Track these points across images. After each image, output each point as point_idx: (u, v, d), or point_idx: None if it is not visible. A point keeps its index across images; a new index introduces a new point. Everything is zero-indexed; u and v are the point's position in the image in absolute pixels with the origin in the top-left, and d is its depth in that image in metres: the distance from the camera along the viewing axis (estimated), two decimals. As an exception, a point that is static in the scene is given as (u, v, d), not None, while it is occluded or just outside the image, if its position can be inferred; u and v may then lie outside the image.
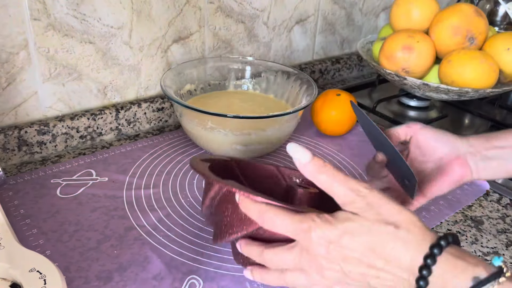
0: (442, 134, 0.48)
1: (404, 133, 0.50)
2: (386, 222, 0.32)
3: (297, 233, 0.33)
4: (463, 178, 0.47)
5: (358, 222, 0.32)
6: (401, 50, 0.75)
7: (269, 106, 0.73)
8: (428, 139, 0.48)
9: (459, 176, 0.47)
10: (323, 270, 0.33)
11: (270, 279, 0.38)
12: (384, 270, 0.31)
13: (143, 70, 0.72)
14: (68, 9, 0.61)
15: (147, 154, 0.67)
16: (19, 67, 0.60)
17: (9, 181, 0.58)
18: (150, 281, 0.45)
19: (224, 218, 0.39)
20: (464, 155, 0.47)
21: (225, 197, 0.38)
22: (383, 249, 0.31)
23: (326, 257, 0.33)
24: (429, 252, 0.30)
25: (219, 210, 0.39)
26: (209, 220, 0.44)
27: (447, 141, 0.48)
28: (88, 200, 0.55)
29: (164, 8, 0.70)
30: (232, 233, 0.38)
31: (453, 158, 0.47)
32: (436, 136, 0.48)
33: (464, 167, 0.47)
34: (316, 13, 0.94)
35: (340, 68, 1.04)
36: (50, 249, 0.48)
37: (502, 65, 0.74)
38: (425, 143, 0.48)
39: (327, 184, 0.34)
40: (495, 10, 0.97)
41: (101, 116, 0.68)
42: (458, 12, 0.74)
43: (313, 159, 0.34)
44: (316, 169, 0.34)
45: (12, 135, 0.61)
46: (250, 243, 0.37)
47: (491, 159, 0.47)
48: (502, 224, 0.58)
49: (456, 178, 0.47)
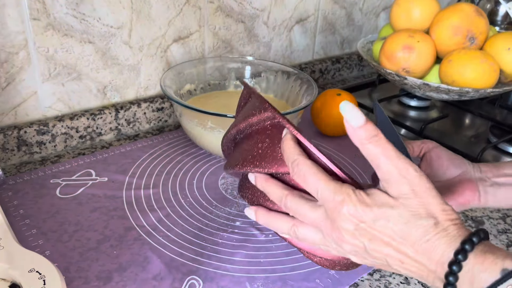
0: (455, 156, 0.48)
1: (419, 149, 0.49)
2: (427, 216, 0.30)
3: (327, 202, 0.32)
4: (470, 202, 0.46)
5: (397, 210, 0.30)
6: (402, 50, 0.74)
7: (269, 106, 0.73)
8: (441, 159, 0.48)
9: (467, 200, 0.46)
10: (343, 242, 0.32)
11: (277, 226, 0.36)
12: (411, 258, 0.31)
13: (143, 70, 0.72)
14: (68, 9, 0.61)
15: (146, 154, 0.67)
16: (18, 67, 0.60)
17: (9, 181, 0.58)
18: (150, 281, 0.45)
19: (255, 149, 0.35)
20: (475, 180, 0.47)
21: (268, 129, 0.35)
22: (416, 240, 0.30)
23: (352, 233, 0.31)
24: (460, 248, 0.29)
25: (253, 139, 0.36)
26: (229, 144, 0.41)
27: (460, 164, 0.48)
28: (87, 200, 0.55)
29: (164, 7, 0.70)
30: (258, 166, 0.35)
31: (464, 180, 0.47)
32: (450, 157, 0.48)
33: (473, 192, 0.46)
34: (316, 12, 0.94)
35: (340, 68, 1.04)
36: (50, 249, 0.47)
37: (503, 65, 0.74)
38: (438, 162, 0.48)
39: (374, 156, 0.31)
40: (495, 10, 0.97)
41: (100, 116, 0.68)
42: (458, 12, 0.74)
43: (366, 125, 0.30)
44: (366, 136, 0.30)
45: (11, 135, 0.61)
46: (272, 181, 0.35)
47: (501, 186, 0.46)
48: (502, 224, 0.58)
49: (464, 201, 0.46)
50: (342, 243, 0.32)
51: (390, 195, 0.31)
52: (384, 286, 0.47)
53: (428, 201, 0.30)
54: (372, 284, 0.47)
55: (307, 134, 0.75)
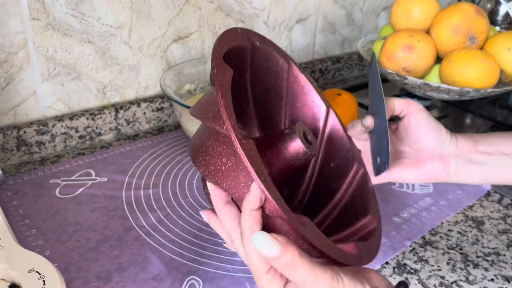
0: (435, 126, 0.46)
1: (400, 109, 0.47)
2: None
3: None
4: (436, 177, 0.46)
5: None
6: (402, 49, 0.74)
7: (269, 106, 0.73)
8: (419, 126, 0.46)
9: (433, 174, 0.46)
10: None
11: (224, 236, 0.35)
12: None
13: (143, 70, 0.72)
14: (67, 9, 0.60)
15: (146, 154, 0.67)
16: (18, 67, 0.60)
17: (8, 181, 0.58)
18: (149, 282, 0.44)
19: (219, 162, 0.32)
20: (449, 156, 0.46)
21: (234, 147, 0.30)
22: None
23: None
24: None
25: (219, 147, 0.32)
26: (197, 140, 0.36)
27: (436, 136, 0.46)
28: (87, 201, 0.55)
29: (164, 7, 0.70)
30: (219, 184, 0.33)
31: (436, 155, 0.46)
32: (429, 127, 0.46)
33: (443, 168, 0.46)
34: (316, 12, 0.94)
35: (340, 67, 1.03)
36: (49, 249, 0.47)
37: (503, 64, 0.74)
38: (414, 129, 0.46)
39: (301, 282, 0.30)
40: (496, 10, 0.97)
41: (100, 116, 0.68)
42: (459, 12, 0.74)
43: (282, 255, 0.28)
44: (285, 266, 0.29)
45: (11, 135, 0.61)
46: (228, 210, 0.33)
47: (473, 164, 0.46)
48: (503, 224, 0.58)
49: (430, 175, 0.46)
50: None
51: None
52: (384, 287, 0.46)
53: None
54: (372, 284, 0.47)
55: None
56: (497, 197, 0.63)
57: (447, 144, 0.46)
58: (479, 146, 0.46)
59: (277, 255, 0.28)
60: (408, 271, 0.49)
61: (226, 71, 0.33)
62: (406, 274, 0.48)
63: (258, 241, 0.28)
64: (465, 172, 0.46)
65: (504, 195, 0.63)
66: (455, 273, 0.49)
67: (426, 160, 0.46)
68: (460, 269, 0.50)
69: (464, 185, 0.64)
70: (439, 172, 0.46)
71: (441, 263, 0.50)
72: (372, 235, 0.40)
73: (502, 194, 0.63)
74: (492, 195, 0.63)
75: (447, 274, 0.49)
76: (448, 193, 0.63)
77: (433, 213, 0.58)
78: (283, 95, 0.46)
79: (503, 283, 0.48)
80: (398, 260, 0.50)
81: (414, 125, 0.46)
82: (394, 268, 0.49)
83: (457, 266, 0.50)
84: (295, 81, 0.46)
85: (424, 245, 0.53)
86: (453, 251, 0.52)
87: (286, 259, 0.28)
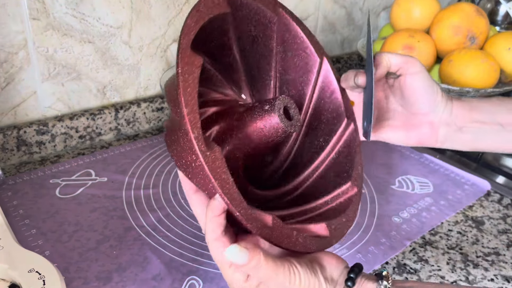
0: (431, 90, 0.44)
1: (398, 66, 0.44)
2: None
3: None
4: (424, 142, 0.46)
5: None
6: (402, 49, 0.74)
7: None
8: (415, 88, 0.44)
9: (421, 140, 0.46)
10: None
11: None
12: None
13: (143, 70, 0.72)
14: (67, 9, 0.60)
15: (146, 154, 0.67)
16: (18, 67, 0.60)
17: (8, 181, 0.58)
18: (149, 282, 0.44)
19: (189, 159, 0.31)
20: (438, 123, 0.45)
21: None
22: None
23: None
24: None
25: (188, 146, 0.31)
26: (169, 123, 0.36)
27: (431, 100, 0.44)
28: (87, 200, 0.55)
29: (164, 7, 0.70)
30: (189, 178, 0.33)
31: (426, 121, 0.45)
32: (425, 90, 0.44)
33: (430, 135, 0.45)
34: (316, 12, 0.94)
35: (340, 67, 1.03)
36: (49, 249, 0.47)
37: (503, 64, 0.74)
38: (409, 90, 0.44)
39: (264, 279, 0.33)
40: (496, 10, 0.97)
41: (100, 116, 0.68)
42: (459, 12, 0.74)
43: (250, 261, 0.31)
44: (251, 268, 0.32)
45: (11, 135, 0.61)
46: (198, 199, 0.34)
47: (464, 133, 0.45)
48: (503, 224, 0.58)
49: (417, 140, 0.46)
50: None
51: None
52: (384, 287, 0.46)
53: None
54: (372, 284, 0.47)
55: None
56: (497, 197, 0.63)
57: (441, 110, 0.45)
58: (475, 114, 0.45)
59: (246, 263, 0.31)
60: (408, 271, 0.49)
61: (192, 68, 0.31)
62: (406, 274, 0.48)
63: (229, 254, 0.31)
64: (455, 140, 0.46)
65: (504, 195, 0.63)
66: (455, 273, 0.49)
67: (415, 125, 0.45)
68: (460, 269, 0.50)
69: (464, 185, 0.64)
70: (427, 138, 0.45)
71: (441, 263, 0.50)
72: (350, 202, 0.39)
73: (502, 194, 0.63)
74: (492, 195, 0.63)
75: (447, 274, 0.49)
76: (448, 193, 0.63)
77: (433, 213, 0.58)
78: (272, 46, 0.44)
79: (503, 283, 0.48)
80: (398, 260, 0.50)
81: (410, 86, 0.44)
82: (394, 268, 0.49)
83: (457, 266, 0.50)
84: (286, 29, 0.43)
85: (424, 245, 0.53)
86: (453, 251, 0.52)
87: (252, 264, 0.31)
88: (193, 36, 0.33)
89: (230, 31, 0.40)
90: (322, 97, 0.45)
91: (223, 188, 0.30)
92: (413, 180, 0.65)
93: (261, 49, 0.43)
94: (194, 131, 0.29)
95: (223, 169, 0.30)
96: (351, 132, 0.43)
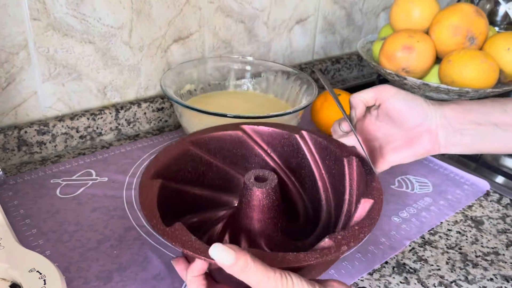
0: (414, 103, 0.46)
1: (373, 99, 0.47)
2: None
3: None
4: (429, 152, 0.46)
5: None
6: (401, 50, 0.74)
7: (269, 106, 0.73)
8: (398, 109, 0.46)
9: (425, 151, 0.46)
10: None
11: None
12: None
13: (143, 70, 0.72)
14: (68, 9, 0.61)
15: (147, 154, 0.67)
16: (18, 67, 0.60)
17: (9, 181, 0.58)
18: (150, 281, 0.45)
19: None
20: (436, 128, 0.45)
21: None
22: None
23: None
24: None
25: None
26: None
27: (419, 112, 0.46)
28: (88, 200, 0.55)
29: (164, 7, 0.70)
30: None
31: (424, 131, 0.46)
32: (408, 106, 0.46)
33: (433, 142, 0.46)
34: (316, 13, 0.94)
35: (340, 68, 1.04)
36: (50, 249, 0.48)
37: (502, 65, 0.74)
38: (395, 113, 0.46)
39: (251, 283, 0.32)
40: (495, 10, 0.97)
41: (101, 116, 0.68)
42: (458, 12, 0.74)
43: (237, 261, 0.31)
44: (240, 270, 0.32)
45: (12, 135, 0.61)
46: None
47: (464, 135, 0.45)
48: (502, 224, 0.58)
49: (423, 151, 0.46)
50: None
51: None
52: (384, 286, 0.47)
53: None
54: (372, 284, 0.47)
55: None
56: (497, 197, 0.63)
57: (433, 116, 0.46)
58: (469, 115, 0.45)
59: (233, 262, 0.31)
60: (407, 271, 0.49)
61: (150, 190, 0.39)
62: (406, 274, 0.48)
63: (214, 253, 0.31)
64: (456, 144, 0.46)
65: (503, 195, 0.63)
66: (454, 272, 0.49)
67: (415, 137, 0.46)
68: (459, 269, 0.50)
69: (464, 185, 0.65)
70: (430, 146, 0.46)
71: (441, 262, 0.51)
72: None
73: (501, 194, 0.63)
74: (492, 195, 0.63)
75: (446, 273, 0.49)
76: (447, 193, 0.63)
77: (432, 213, 0.58)
78: (257, 152, 0.50)
79: (502, 282, 0.48)
80: (397, 260, 0.50)
81: (393, 108, 0.46)
82: (393, 267, 0.49)
83: (456, 266, 0.50)
84: (258, 135, 0.50)
85: (423, 245, 0.53)
86: (453, 250, 0.52)
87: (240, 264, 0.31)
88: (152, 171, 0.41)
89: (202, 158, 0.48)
90: (324, 155, 0.48)
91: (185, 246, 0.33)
92: (412, 180, 0.65)
93: (243, 153, 0.50)
94: (152, 224, 0.35)
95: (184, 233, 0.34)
96: (358, 164, 0.45)
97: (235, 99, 0.75)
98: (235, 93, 0.77)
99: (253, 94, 0.77)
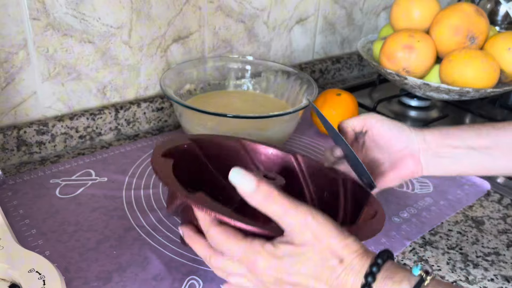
0: (397, 129, 0.49)
1: (360, 126, 0.51)
2: (332, 256, 0.33)
3: (243, 261, 0.35)
4: (414, 174, 0.49)
5: (305, 255, 0.33)
6: (402, 49, 0.74)
7: (269, 106, 0.73)
8: (383, 134, 0.49)
9: (410, 172, 0.49)
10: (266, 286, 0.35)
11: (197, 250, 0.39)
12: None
13: (143, 70, 0.72)
14: (68, 9, 0.60)
15: (146, 154, 0.67)
16: (18, 67, 0.60)
17: (8, 181, 0.58)
18: (149, 282, 0.44)
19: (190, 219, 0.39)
20: (418, 152, 0.48)
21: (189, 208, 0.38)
22: (328, 278, 0.33)
23: (274, 283, 0.34)
24: (369, 271, 0.32)
25: (186, 214, 0.40)
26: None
27: (402, 137, 0.49)
28: (87, 200, 0.55)
29: (164, 7, 0.70)
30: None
31: (407, 154, 0.48)
32: (392, 132, 0.49)
33: (416, 165, 0.48)
34: (316, 12, 0.94)
35: (340, 67, 1.03)
36: (49, 249, 0.47)
37: (503, 64, 0.74)
38: (380, 138, 0.49)
39: (274, 214, 0.33)
40: (496, 10, 0.97)
41: (100, 116, 0.68)
42: (458, 12, 0.74)
43: (259, 188, 0.32)
44: (262, 198, 0.32)
45: (11, 135, 0.61)
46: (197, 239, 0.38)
47: (443, 157, 0.48)
48: (503, 224, 0.58)
49: (408, 173, 0.49)
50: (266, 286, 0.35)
51: (296, 244, 0.33)
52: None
53: (329, 243, 0.33)
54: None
55: (307, 134, 0.75)
56: (497, 197, 0.63)
57: (415, 140, 0.49)
58: (447, 139, 0.48)
59: (254, 188, 0.31)
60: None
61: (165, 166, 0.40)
62: (406, 274, 0.48)
63: (234, 177, 0.31)
64: (435, 165, 0.49)
65: (504, 195, 0.63)
66: (455, 273, 0.49)
67: (399, 161, 0.49)
68: (460, 269, 0.50)
69: (464, 185, 0.64)
70: (414, 169, 0.49)
71: (441, 263, 0.50)
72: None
73: (502, 194, 0.63)
74: (492, 195, 0.63)
75: (447, 274, 0.49)
76: (448, 193, 0.63)
77: (433, 213, 0.58)
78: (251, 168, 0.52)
79: (503, 283, 0.48)
80: (398, 260, 0.50)
81: (378, 133, 0.49)
82: (394, 268, 0.49)
83: (457, 266, 0.50)
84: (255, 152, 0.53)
85: (424, 245, 0.53)
86: (453, 251, 0.52)
87: (263, 191, 0.31)
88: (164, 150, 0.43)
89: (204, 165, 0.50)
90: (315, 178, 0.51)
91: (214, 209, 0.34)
92: (413, 180, 0.65)
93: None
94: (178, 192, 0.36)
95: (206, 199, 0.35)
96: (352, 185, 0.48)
97: (235, 99, 0.75)
98: (235, 92, 0.77)
99: (253, 94, 0.77)
